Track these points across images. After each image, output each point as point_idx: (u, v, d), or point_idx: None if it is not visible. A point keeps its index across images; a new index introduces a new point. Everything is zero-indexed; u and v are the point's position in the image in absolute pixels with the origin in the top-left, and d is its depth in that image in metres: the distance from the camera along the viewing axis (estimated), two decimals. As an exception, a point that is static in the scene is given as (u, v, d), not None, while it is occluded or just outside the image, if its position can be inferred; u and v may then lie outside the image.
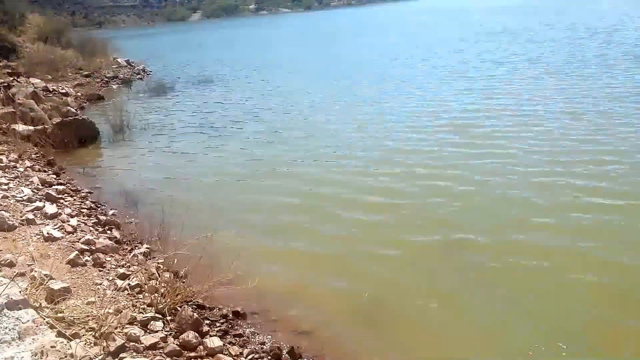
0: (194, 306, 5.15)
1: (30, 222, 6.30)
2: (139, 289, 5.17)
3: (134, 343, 4.09)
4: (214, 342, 4.43)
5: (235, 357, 4.42)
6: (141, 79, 24.87)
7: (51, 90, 17.70)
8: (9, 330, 3.21)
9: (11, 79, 17.33)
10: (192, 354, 4.28)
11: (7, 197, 7.03)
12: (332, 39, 43.43)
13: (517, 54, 22.11)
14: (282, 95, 17.41)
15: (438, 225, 6.81)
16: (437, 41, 31.63)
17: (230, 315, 5.18)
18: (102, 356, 3.62)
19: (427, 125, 11.78)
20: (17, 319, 3.34)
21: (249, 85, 20.50)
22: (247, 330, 5.00)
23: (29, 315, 3.40)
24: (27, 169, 8.97)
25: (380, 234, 6.80)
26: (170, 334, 4.48)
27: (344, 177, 8.87)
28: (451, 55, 23.76)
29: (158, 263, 5.80)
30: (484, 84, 16.08)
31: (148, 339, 4.22)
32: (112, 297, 4.84)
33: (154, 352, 4.13)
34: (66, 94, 17.96)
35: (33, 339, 3.20)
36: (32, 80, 18.19)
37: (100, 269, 5.56)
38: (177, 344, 4.31)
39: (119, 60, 28.58)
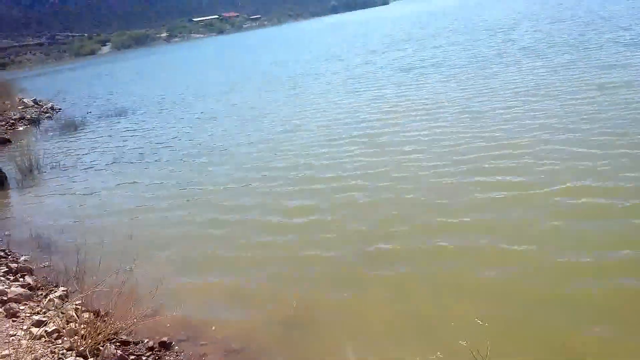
0: (117, 343, 5.00)
1: None
2: (57, 334, 4.95)
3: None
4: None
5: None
6: (50, 117, 23.96)
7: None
8: None
9: None
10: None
11: None
12: (241, 59, 43.59)
13: (423, 59, 23.01)
14: (191, 123, 17.29)
15: (353, 237, 6.86)
16: (347, 54, 32.39)
17: (157, 347, 5.05)
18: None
19: (337, 136, 11.96)
20: None
21: (158, 115, 20.22)
22: (177, 358, 4.88)
23: None
24: None
25: (298, 251, 6.81)
26: (94, 376, 4.31)
27: (254, 200, 8.82)
28: (360, 67, 24.37)
29: (76, 304, 5.56)
30: (390, 91, 16.57)
31: (70, 384, 4.04)
32: (28, 347, 4.60)
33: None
34: (-32, 141, 17.00)
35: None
36: None
37: (13, 319, 5.30)
38: (101, 385, 4.14)
39: (25, 100, 27.46)
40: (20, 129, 21.39)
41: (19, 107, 25.55)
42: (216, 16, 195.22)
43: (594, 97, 11.17)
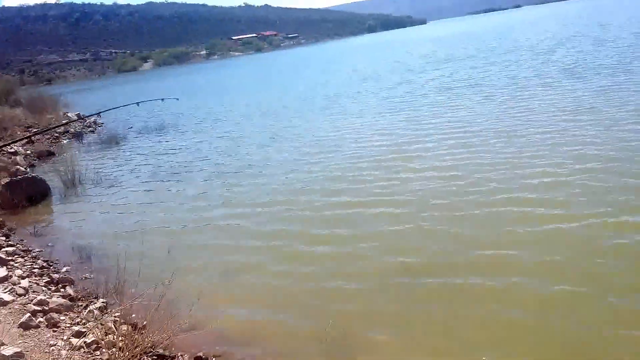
0: (154, 357, 5.04)
1: (-22, 288, 6.08)
2: (95, 345, 5.02)
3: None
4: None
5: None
6: (92, 131, 24.61)
7: (-1, 151, 17.28)
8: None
9: (-44, 142, 16.88)
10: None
11: (-47, 264, 6.79)
12: (278, 78, 44.12)
13: (461, 79, 22.90)
14: (226, 141, 17.46)
15: (393, 254, 6.82)
16: (384, 73, 32.54)
17: (193, 362, 5.08)
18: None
19: (370, 156, 11.95)
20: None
21: (198, 131, 20.56)
22: (212, 374, 4.92)
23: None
24: (-26, 233, 8.69)
25: (334, 267, 6.81)
26: (129, 388, 4.35)
27: (295, 214, 8.87)
28: (398, 87, 24.37)
29: (115, 316, 5.62)
30: (426, 112, 16.52)
31: (106, 396, 4.09)
32: (67, 357, 4.69)
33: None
34: (15, 153, 17.57)
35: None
36: (-22, 142, 17.75)
37: (54, 329, 5.40)
38: (136, 398, 4.19)
39: (69, 114, 28.29)
40: (64, 142, 22.04)
41: (63, 122, 26.32)
42: (254, 35, 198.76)
43: (638, 123, 10.88)
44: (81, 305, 6.21)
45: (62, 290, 6.64)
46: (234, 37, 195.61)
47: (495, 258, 6.32)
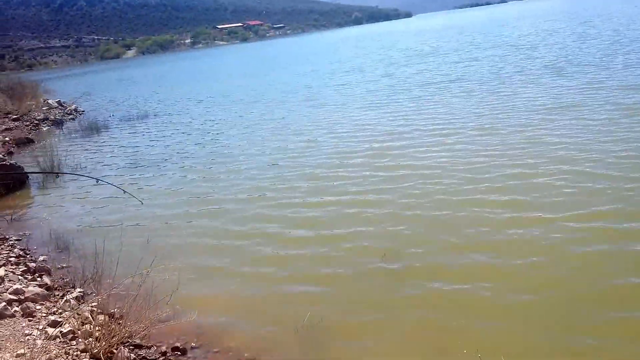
0: (131, 347, 5.02)
1: (-49, 277, 6.00)
2: (71, 335, 4.99)
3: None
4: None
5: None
6: (73, 119, 24.33)
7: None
8: None
9: None
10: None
11: None
12: (263, 68, 43.93)
13: (443, 73, 23.00)
14: (208, 130, 17.48)
15: (367, 254, 6.81)
16: (368, 64, 32.64)
17: (170, 352, 5.08)
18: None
19: (351, 151, 11.93)
20: None
21: (179, 120, 20.45)
22: (189, 364, 4.92)
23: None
24: (-51, 221, 8.57)
25: (316, 263, 6.81)
26: (106, 378, 4.34)
27: (268, 212, 8.79)
28: (381, 79, 24.43)
29: (92, 306, 5.59)
30: (408, 105, 16.57)
31: (81, 386, 4.07)
32: (42, 347, 4.66)
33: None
34: (-7, 140, 17.31)
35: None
36: (-45, 128, 17.46)
37: (30, 318, 5.36)
38: (112, 388, 4.18)
39: (49, 101, 27.92)
40: (44, 129, 21.75)
41: (44, 108, 25.98)
42: (240, 24, 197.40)
43: (617, 119, 11.03)
44: (58, 295, 6.15)
45: (38, 279, 6.57)
46: (219, 26, 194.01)
47: (470, 262, 6.29)
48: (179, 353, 5.07)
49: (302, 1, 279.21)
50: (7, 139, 18.27)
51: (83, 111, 26.63)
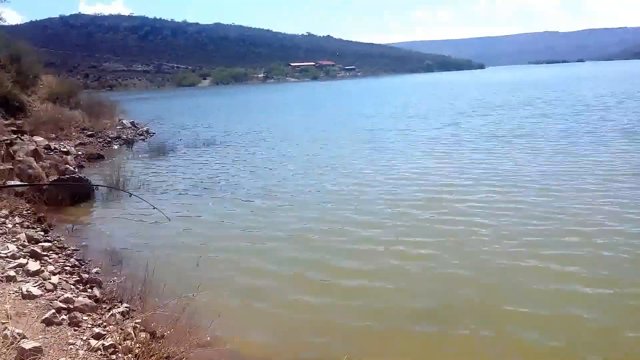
0: (167, 367, 5.04)
1: (10, 279, 6.24)
2: (112, 349, 5.04)
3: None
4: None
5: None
6: (143, 139, 25.29)
7: (53, 148, 17.97)
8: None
9: (15, 136, 17.62)
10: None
11: (-9, 253, 7.01)
12: (329, 107, 44.52)
13: (511, 128, 22.62)
14: (268, 162, 17.76)
15: (422, 295, 6.69)
16: (434, 111, 32.56)
17: (204, 379, 5.06)
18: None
19: (406, 199, 11.69)
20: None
21: (241, 151, 20.87)
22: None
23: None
24: (16, 225, 8.96)
25: (366, 300, 6.72)
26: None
27: (312, 255, 8.66)
28: (445, 128, 24.27)
29: (135, 323, 5.67)
30: (470, 157, 16.33)
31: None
32: (83, 358, 4.73)
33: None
34: (67, 153, 18.21)
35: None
36: (36, 138, 18.49)
37: (75, 328, 5.45)
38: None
39: (124, 121, 29.19)
40: (115, 147, 22.73)
41: (118, 127, 27.20)
42: (312, 63, 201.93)
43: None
44: (105, 308, 6.27)
45: (89, 290, 6.74)
46: (292, 64, 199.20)
47: (521, 312, 6.13)
48: (213, 380, 5.05)
49: (376, 46, 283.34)
50: (80, 153, 19.19)
51: (154, 133, 27.67)
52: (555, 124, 22.41)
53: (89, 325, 5.60)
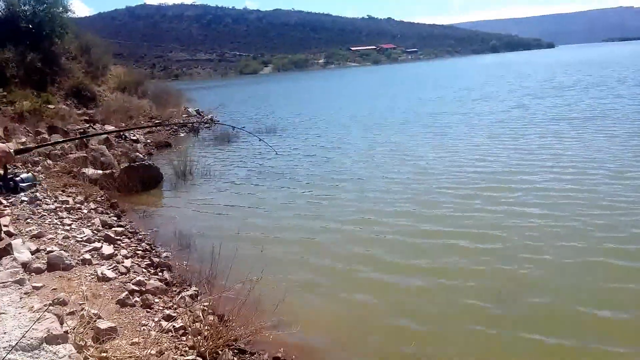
0: (235, 350, 5.16)
1: (86, 262, 6.56)
2: (182, 331, 5.22)
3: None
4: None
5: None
6: (208, 127, 25.83)
7: (123, 137, 18.67)
8: (45, 364, 3.30)
9: (87, 125, 18.45)
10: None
11: (69, 237, 7.38)
12: (390, 91, 43.95)
13: (583, 109, 21.65)
14: (332, 148, 17.76)
15: (479, 293, 6.50)
16: (500, 93, 31.58)
17: (270, 361, 5.15)
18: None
19: (469, 183, 11.48)
20: (54, 353, 3.44)
21: (302, 136, 21.02)
22: (286, 377, 4.96)
23: (66, 350, 3.50)
24: (91, 210, 9.40)
25: (424, 296, 6.65)
26: (209, 377, 4.48)
27: (376, 237, 8.69)
28: (511, 110, 23.54)
29: (204, 306, 5.83)
30: (538, 141, 15.74)
31: (186, 381, 4.24)
32: (155, 339, 4.91)
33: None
34: (137, 141, 18.90)
35: (69, 375, 3.27)
36: (107, 127, 19.28)
37: (147, 310, 5.67)
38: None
39: (189, 109, 29.94)
40: (182, 135, 23.37)
41: (184, 116, 27.94)
42: (373, 47, 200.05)
43: None
44: (175, 291, 6.50)
45: (159, 274, 7.00)
46: (352, 48, 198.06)
47: (592, 316, 5.81)
48: (278, 364, 5.14)
49: (438, 27, 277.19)
50: (148, 141, 19.87)
51: (218, 121, 28.20)
52: (630, 105, 21.24)
53: (160, 307, 5.82)
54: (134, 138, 19.17)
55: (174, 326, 5.25)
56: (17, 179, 2.82)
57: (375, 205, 10.56)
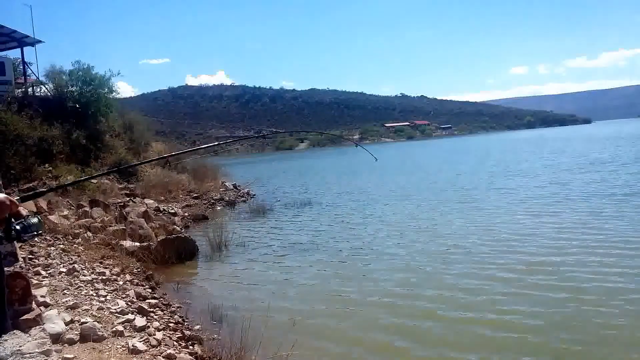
0: None
1: (119, 333, 6.59)
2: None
3: None
4: None
5: None
6: (245, 201, 26.25)
7: (162, 210, 19.09)
8: None
9: (127, 199, 18.98)
10: None
11: (103, 308, 7.46)
12: (425, 166, 44.14)
13: (623, 185, 21.33)
14: (361, 221, 17.81)
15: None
16: (535, 168, 31.39)
17: None
18: None
19: (503, 263, 11.04)
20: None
21: (335, 211, 20.95)
22: None
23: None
24: (127, 282, 9.51)
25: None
26: None
27: (400, 320, 8.35)
28: (547, 186, 23.31)
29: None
30: (577, 218, 15.32)
31: None
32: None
33: None
34: (174, 214, 19.28)
35: None
36: (146, 200, 19.80)
37: (176, 383, 5.63)
38: None
39: (226, 184, 30.57)
40: (218, 208, 23.75)
41: (221, 189, 28.52)
42: (407, 123, 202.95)
43: None
44: (204, 365, 6.45)
45: (190, 347, 6.96)
46: (387, 124, 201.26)
47: None
48: None
49: (471, 104, 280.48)
50: (186, 214, 20.25)
51: (254, 195, 28.67)
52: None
53: (189, 381, 5.76)
54: (172, 211, 19.57)
55: (202, 401, 5.18)
56: (19, 227, 2.90)
57: (409, 278, 10.43)
